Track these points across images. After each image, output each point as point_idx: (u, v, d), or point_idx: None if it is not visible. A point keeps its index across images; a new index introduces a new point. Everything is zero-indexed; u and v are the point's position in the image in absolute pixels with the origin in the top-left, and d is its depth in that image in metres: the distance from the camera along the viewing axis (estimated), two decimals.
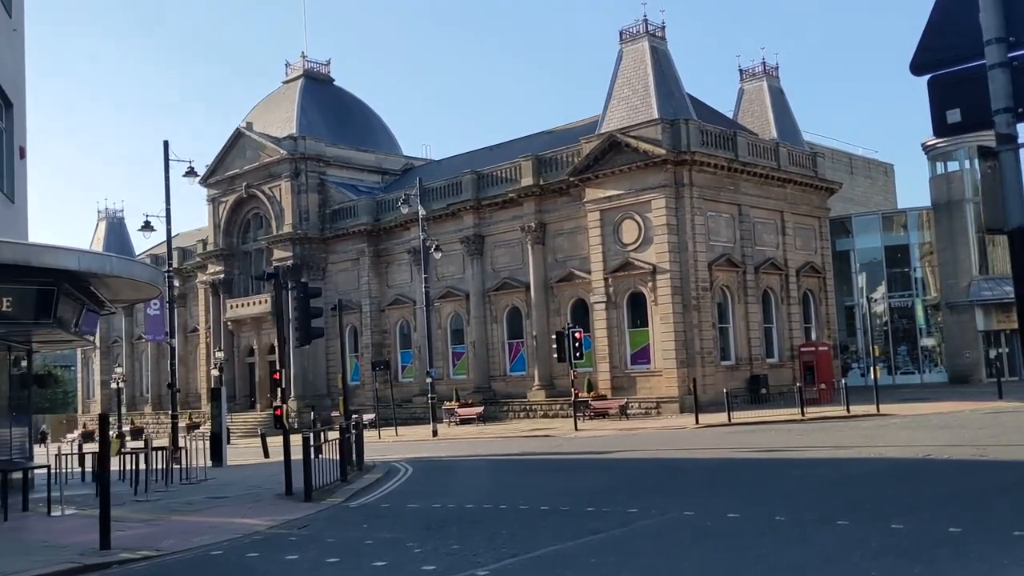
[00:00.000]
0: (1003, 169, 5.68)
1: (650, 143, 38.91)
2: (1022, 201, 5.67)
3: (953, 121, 6.03)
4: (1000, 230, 5.71)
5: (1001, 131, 5.71)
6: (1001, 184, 5.67)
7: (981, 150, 5.89)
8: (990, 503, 11.33)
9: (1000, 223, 5.68)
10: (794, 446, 19.80)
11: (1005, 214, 5.64)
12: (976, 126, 6.06)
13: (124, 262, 17.65)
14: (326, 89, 60.40)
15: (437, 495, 15.07)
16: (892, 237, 47.82)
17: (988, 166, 5.73)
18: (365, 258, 51.56)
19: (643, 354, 39.85)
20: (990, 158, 5.76)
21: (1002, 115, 5.70)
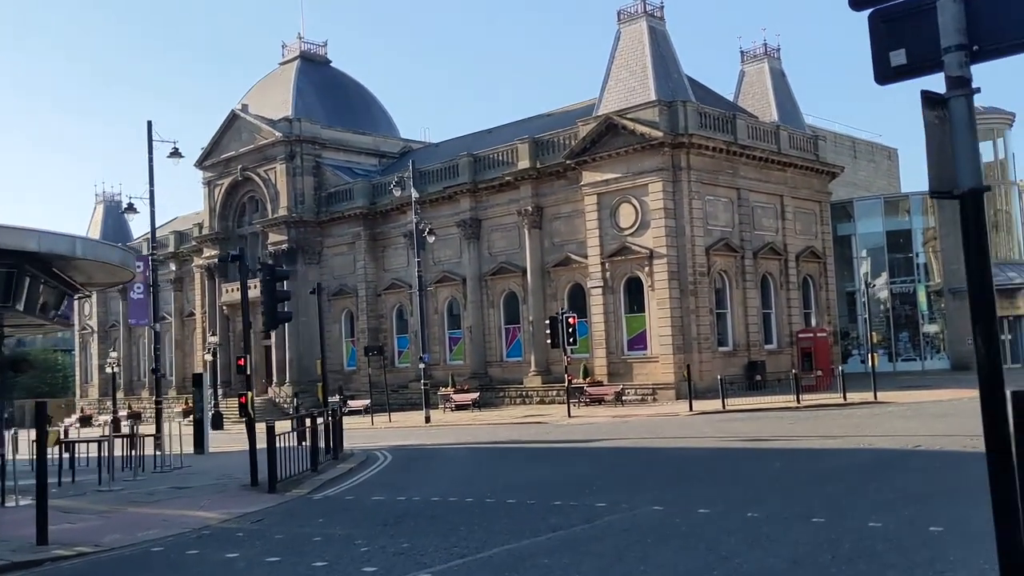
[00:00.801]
0: (953, 120, 4.73)
1: (647, 125, 38.16)
2: (976, 157, 4.76)
3: (897, 64, 5.00)
4: (948, 193, 4.78)
5: (951, 73, 4.75)
6: (951, 138, 4.73)
7: (926, 97, 4.79)
8: (977, 499, 10.73)
9: (949, 185, 4.76)
10: (782, 435, 19.22)
11: (955, 174, 4.72)
12: (925, 68, 4.98)
13: (90, 244, 17.09)
14: (323, 71, 59.65)
15: (406, 487, 14.55)
16: (894, 222, 46.96)
17: (935, 116, 4.77)
18: (361, 242, 50.97)
19: (640, 340, 39.25)
20: (937, 106, 4.78)
21: (952, 54, 4.75)
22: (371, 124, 58.05)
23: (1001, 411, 4.40)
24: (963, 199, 4.74)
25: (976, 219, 4.68)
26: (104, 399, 63.72)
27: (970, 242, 4.68)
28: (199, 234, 59.32)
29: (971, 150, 4.74)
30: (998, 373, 4.47)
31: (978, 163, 4.73)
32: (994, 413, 4.39)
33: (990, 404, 4.40)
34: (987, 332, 4.56)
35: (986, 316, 4.58)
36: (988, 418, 4.39)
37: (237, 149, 55.79)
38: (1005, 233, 45.08)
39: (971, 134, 4.74)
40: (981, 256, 4.65)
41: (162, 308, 66.13)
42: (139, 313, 28.39)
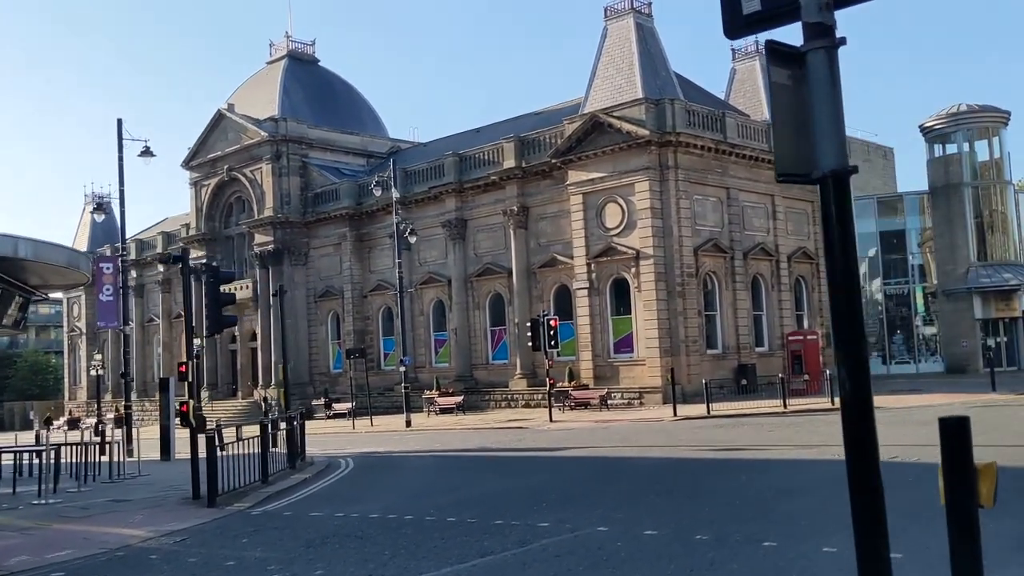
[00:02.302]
0: (810, 80, 3.71)
1: (634, 123, 37.41)
2: (839, 130, 3.73)
3: (750, 11, 4.03)
4: (804, 176, 3.80)
5: (809, 19, 3.73)
6: (808, 104, 3.71)
7: (773, 50, 3.81)
8: (939, 521, 9.98)
9: (805, 165, 3.76)
10: (758, 444, 18.47)
11: (813, 151, 3.72)
12: (781, 15, 4.00)
13: (33, 244, 16.32)
14: (311, 70, 58.95)
15: (352, 500, 13.82)
16: (888, 222, 46.17)
17: (786, 76, 3.75)
18: (347, 243, 50.28)
19: (626, 342, 38.51)
20: (789, 63, 3.76)
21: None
22: (359, 124, 57.34)
23: (870, 450, 3.61)
24: (823, 183, 3.74)
25: (841, 208, 3.71)
26: (92, 401, 63.01)
27: (832, 236, 3.72)
28: (186, 235, 58.63)
29: (833, 120, 3.73)
30: (867, 408, 3.66)
31: (842, 137, 3.77)
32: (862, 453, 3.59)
33: (858, 444, 3.61)
34: (855, 355, 3.65)
35: (855, 334, 3.68)
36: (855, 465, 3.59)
37: (223, 149, 55.13)
38: (1001, 234, 44.25)
39: (833, 99, 3.74)
40: (846, 255, 3.72)
41: (150, 310, 65.77)
42: (108, 316, 27.71)
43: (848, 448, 3.66)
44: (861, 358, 3.66)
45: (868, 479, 3.59)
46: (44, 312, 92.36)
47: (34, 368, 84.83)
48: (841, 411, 3.71)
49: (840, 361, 3.66)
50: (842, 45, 3.78)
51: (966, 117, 44.08)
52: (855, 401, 3.61)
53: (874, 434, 3.66)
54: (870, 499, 3.59)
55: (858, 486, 3.60)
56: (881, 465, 12.22)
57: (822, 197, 3.77)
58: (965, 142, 44.32)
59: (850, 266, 3.67)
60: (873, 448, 3.63)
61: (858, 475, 3.60)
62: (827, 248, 3.78)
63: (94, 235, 68.30)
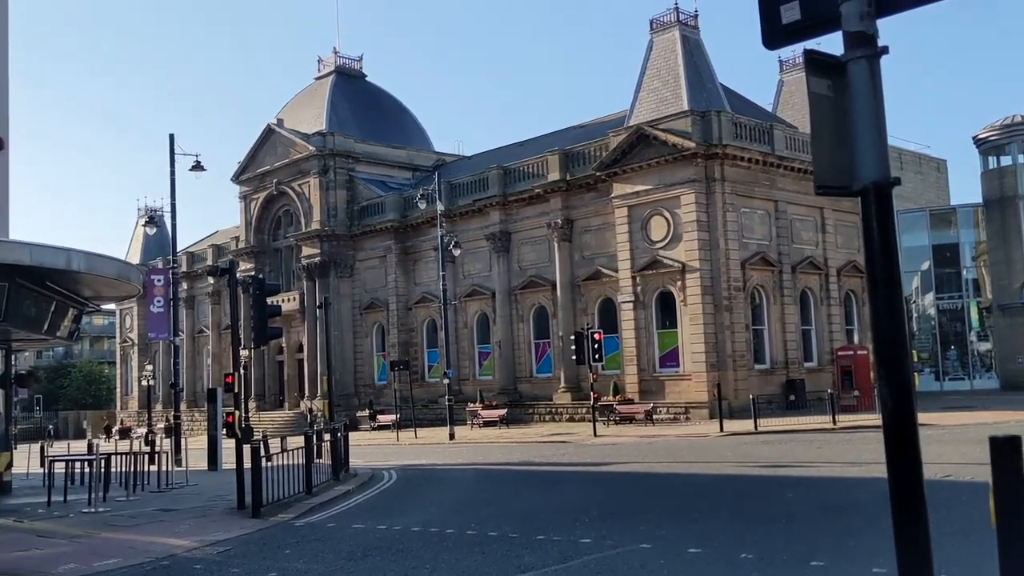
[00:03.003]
0: (852, 91, 3.63)
1: (679, 136, 37.20)
2: (882, 141, 3.64)
3: (789, 21, 3.95)
4: (845, 188, 3.71)
5: (850, 28, 3.65)
6: (849, 115, 3.63)
7: (813, 60, 3.70)
8: (991, 541, 9.67)
9: (844, 177, 3.67)
10: (806, 461, 18.12)
11: (854, 163, 3.63)
12: (822, 24, 3.90)
13: (85, 256, 16.68)
14: (358, 85, 59.65)
15: (394, 513, 13.84)
16: (941, 235, 45.19)
17: (826, 86, 3.68)
18: (392, 255, 50.65)
19: (672, 356, 38.17)
20: (829, 73, 3.69)
21: (852, 2, 3.66)
22: (405, 137, 57.84)
23: (914, 475, 3.49)
24: (864, 195, 3.63)
25: (883, 221, 3.60)
26: (143, 411, 64.15)
27: (874, 250, 3.60)
28: (235, 248, 59.54)
29: (875, 131, 3.63)
30: (911, 426, 3.54)
31: (884, 148, 3.66)
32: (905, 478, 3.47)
33: (899, 468, 3.49)
34: (898, 373, 3.54)
35: (897, 352, 3.56)
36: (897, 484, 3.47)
37: (272, 163, 55.97)
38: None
39: (875, 109, 3.64)
40: (888, 269, 3.59)
41: (200, 321, 66.81)
42: (158, 327, 28.19)
43: (891, 469, 3.56)
44: (904, 376, 3.56)
45: (911, 501, 3.48)
46: (98, 323, 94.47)
47: (88, 378, 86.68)
48: (883, 431, 3.60)
49: (882, 379, 3.56)
50: (884, 54, 3.68)
51: (1021, 128, 43.05)
52: (897, 420, 3.52)
53: (918, 454, 3.54)
54: (913, 521, 3.48)
55: (901, 507, 3.49)
56: (934, 484, 11.92)
57: (863, 209, 3.66)
58: (1020, 154, 43.25)
59: (892, 281, 3.56)
60: (917, 469, 3.51)
61: (901, 496, 3.49)
62: (868, 262, 3.67)
63: (147, 248, 69.68)
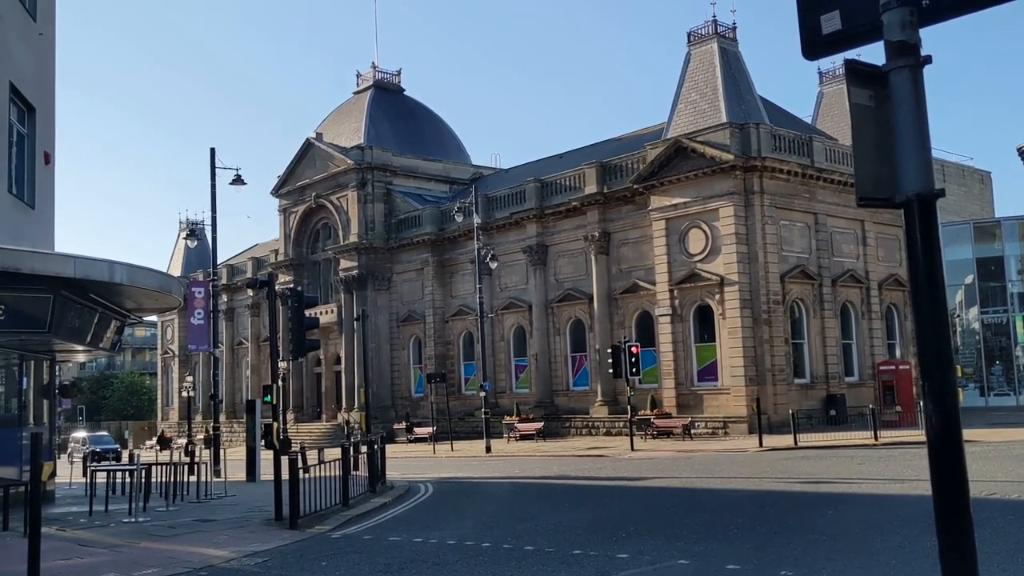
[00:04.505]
0: (894, 101, 3.56)
1: (717, 148, 36.99)
2: (925, 151, 3.57)
3: (830, 31, 3.85)
4: (887, 200, 3.65)
5: (892, 37, 3.58)
6: (891, 126, 3.57)
7: (854, 70, 3.62)
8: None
9: (887, 188, 3.60)
10: (847, 477, 17.82)
11: (896, 173, 3.58)
12: (863, 34, 3.81)
13: (127, 268, 16.93)
14: (395, 98, 60.17)
15: (431, 526, 13.83)
16: (986, 248, 44.37)
17: (868, 96, 3.60)
18: (429, 268, 50.89)
19: (710, 370, 37.85)
20: (871, 83, 3.61)
21: (894, 11, 3.57)
22: (442, 151, 58.19)
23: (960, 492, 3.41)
24: (907, 207, 3.56)
25: (926, 233, 3.52)
26: (183, 422, 64.95)
27: (918, 263, 3.52)
28: (274, 260, 60.22)
29: (919, 141, 3.56)
30: (956, 442, 3.45)
31: (928, 159, 3.58)
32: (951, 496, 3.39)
33: (944, 485, 3.41)
34: (942, 388, 3.44)
35: (942, 367, 3.46)
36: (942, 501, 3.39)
37: (311, 177, 56.59)
38: None
39: (918, 119, 3.57)
40: (932, 282, 3.50)
41: (240, 333, 67.60)
42: (199, 339, 28.54)
43: (936, 487, 3.47)
44: (949, 391, 3.48)
45: (957, 518, 3.39)
46: (140, 335, 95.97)
47: (129, 389, 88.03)
48: (928, 448, 3.52)
49: (928, 394, 3.48)
50: (927, 64, 3.61)
51: None
52: (943, 435, 3.43)
53: (964, 470, 3.46)
54: (959, 539, 3.39)
55: (946, 525, 3.40)
56: (978, 502, 11.66)
57: (906, 222, 3.59)
58: None
59: (937, 295, 3.49)
60: (963, 485, 3.43)
61: (946, 514, 3.40)
62: (912, 275, 3.60)
63: (188, 260, 70.70)
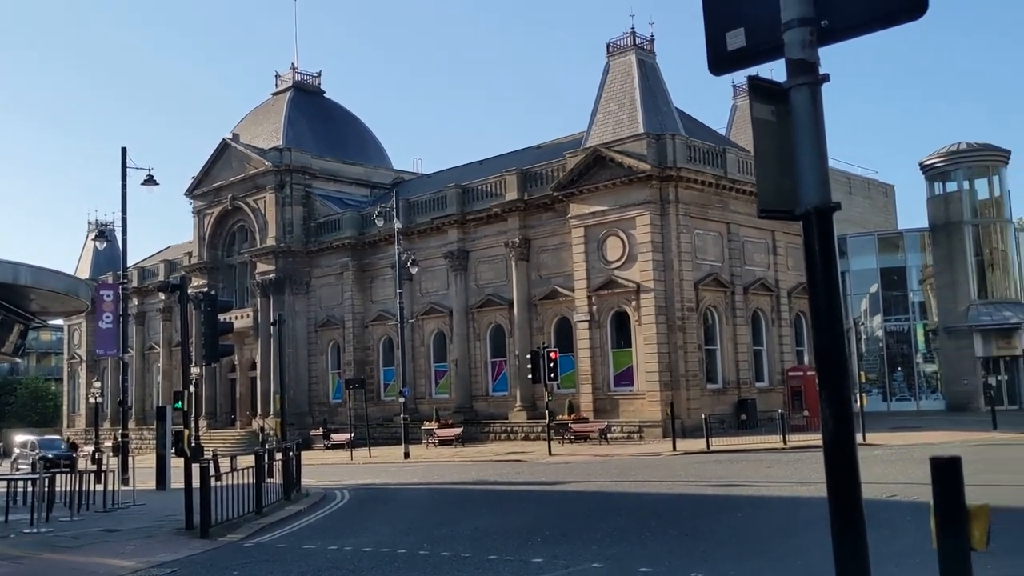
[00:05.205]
0: (795, 117, 3.69)
1: (635, 158, 37.63)
2: (823, 166, 3.69)
3: (735, 47, 3.99)
4: (787, 212, 3.75)
5: (793, 55, 3.70)
6: (792, 141, 3.69)
7: (757, 86, 3.78)
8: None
9: (787, 201, 3.72)
10: (757, 480, 18.34)
11: (797, 187, 3.68)
12: (766, 52, 3.93)
13: (33, 270, 16.39)
14: (315, 100, 59.44)
15: (346, 533, 13.72)
16: (889, 259, 46.15)
17: (770, 111, 3.73)
18: (349, 272, 50.39)
19: (626, 376, 38.43)
20: (772, 99, 3.75)
21: (795, 30, 3.69)
22: (363, 154, 57.73)
23: (853, 494, 3.59)
24: (806, 219, 3.70)
25: (824, 246, 3.67)
26: (91, 429, 62.78)
27: (816, 273, 3.66)
28: (188, 263, 58.77)
29: (816, 157, 3.69)
30: (850, 446, 3.63)
31: (825, 173, 3.73)
32: (845, 497, 3.57)
33: (841, 486, 3.59)
34: (838, 394, 3.57)
35: (837, 372, 3.60)
36: (837, 503, 3.57)
37: (227, 178, 55.46)
38: (1001, 272, 44.20)
39: (816, 135, 3.71)
40: (829, 292, 3.65)
41: (151, 337, 65.72)
42: (107, 343, 27.67)
43: (831, 488, 3.64)
44: (845, 396, 3.64)
45: (851, 520, 3.57)
46: (45, 339, 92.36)
47: (34, 395, 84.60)
48: (824, 451, 3.68)
49: (824, 399, 3.65)
50: (825, 82, 3.76)
51: (966, 156, 44.23)
52: (837, 439, 3.59)
53: (857, 474, 3.63)
54: (852, 539, 3.56)
55: (840, 528, 3.57)
56: (879, 503, 12.19)
57: (805, 233, 3.73)
58: (965, 180, 44.40)
59: (833, 302, 3.66)
60: (856, 488, 3.60)
61: (840, 516, 3.58)
62: (810, 285, 3.74)
63: (97, 263, 68.49)
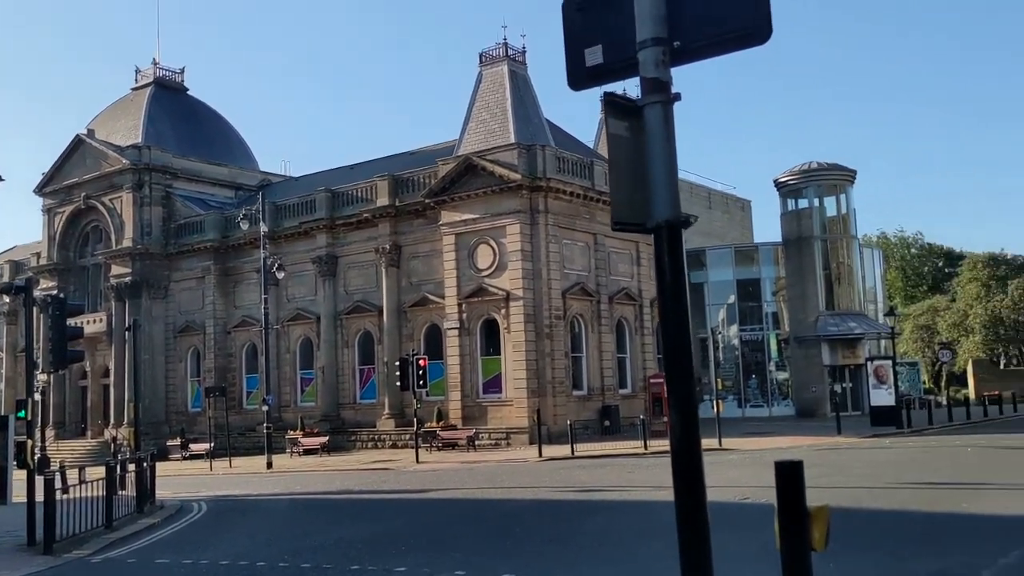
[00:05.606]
0: (648, 134, 3.83)
1: (506, 167, 38.06)
2: (673, 182, 3.85)
3: (593, 64, 4.10)
4: (640, 225, 3.90)
5: (647, 74, 3.84)
6: (644, 157, 3.83)
7: (612, 103, 3.89)
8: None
9: (640, 215, 3.86)
10: (619, 485, 18.85)
11: (649, 201, 3.83)
12: (622, 69, 4.07)
13: None
14: (178, 98, 57.24)
15: (203, 546, 13.27)
16: (745, 271, 48.42)
17: (624, 127, 3.87)
18: (211, 276, 48.74)
19: (495, 383, 38.74)
20: (627, 115, 3.88)
21: (649, 49, 3.84)
22: (228, 155, 55.98)
23: (698, 498, 3.80)
24: (657, 233, 3.86)
25: (673, 258, 3.83)
26: None
27: (665, 285, 3.84)
28: (36, 264, 55.51)
29: (668, 172, 3.86)
30: (696, 454, 3.85)
31: (676, 189, 3.91)
32: (691, 501, 3.77)
33: (687, 490, 3.79)
34: (685, 400, 3.78)
35: (684, 379, 3.80)
36: (683, 506, 3.78)
37: (81, 176, 52.69)
38: (847, 285, 47.06)
39: (668, 152, 3.87)
40: (677, 303, 3.83)
41: None
42: None
43: (677, 492, 3.81)
44: (691, 403, 3.84)
45: (696, 523, 3.75)
46: None
47: None
48: (671, 456, 3.85)
49: (671, 406, 3.82)
50: (677, 101, 3.92)
51: (816, 174, 46.93)
52: (685, 447, 3.77)
53: (702, 478, 3.81)
54: (697, 543, 3.75)
55: (686, 530, 3.76)
56: (732, 507, 12.75)
57: (656, 246, 3.88)
58: (816, 198, 47.11)
59: (681, 314, 3.83)
60: (701, 493, 3.78)
61: (686, 519, 3.76)
62: (660, 296, 3.89)
63: None
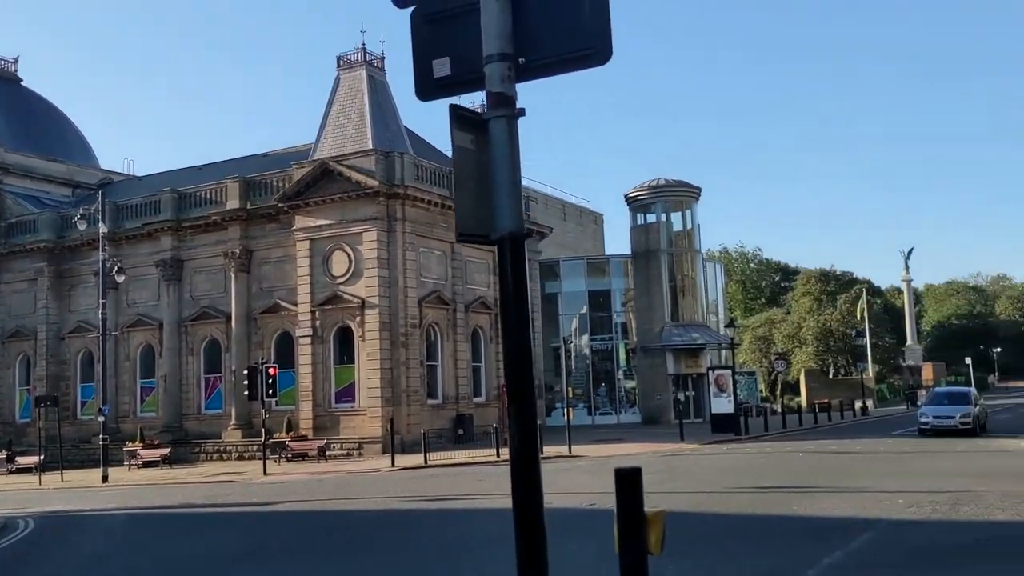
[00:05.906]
0: (492, 147, 3.90)
1: (363, 174, 37.66)
2: (517, 195, 3.92)
3: (441, 75, 4.16)
4: (484, 237, 3.97)
5: (493, 88, 3.92)
6: (489, 170, 3.89)
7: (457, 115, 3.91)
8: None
9: (484, 226, 3.93)
10: (470, 493, 18.96)
11: (493, 213, 3.90)
12: (469, 82, 4.13)
13: None
14: (11, 89, 53.63)
15: (28, 565, 12.46)
16: (596, 282, 49.80)
17: (469, 140, 3.91)
18: (44, 279, 45.85)
19: (348, 392, 38.18)
20: (472, 128, 3.93)
21: (495, 64, 3.91)
22: (65, 151, 52.91)
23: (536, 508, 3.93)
24: (501, 244, 3.94)
25: (516, 269, 3.92)
26: None
27: (508, 295, 3.92)
28: None
29: (511, 186, 3.93)
30: (534, 462, 3.99)
31: (519, 201, 3.99)
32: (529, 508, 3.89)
33: (525, 498, 3.91)
34: (524, 409, 3.89)
35: (524, 389, 3.91)
36: (521, 513, 3.90)
37: None
38: (691, 297, 49.14)
39: (513, 166, 3.95)
40: (519, 313, 3.92)
41: None
42: None
43: (516, 500, 3.90)
44: (531, 412, 3.94)
45: (532, 529, 3.85)
46: None
47: None
48: (510, 464, 3.94)
49: (512, 415, 3.92)
50: (521, 116, 4.01)
51: (664, 191, 48.85)
52: (524, 456, 3.87)
53: (539, 486, 3.91)
54: (534, 547, 3.85)
55: (524, 535, 3.85)
56: (579, 513, 13.11)
57: (499, 257, 3.96)
58: (663, 213, 49.01)
59: (522, 325, 3.94)
60: (538, 502, 3.88)
61: (524, 525, 3.85)
62: (503, 306, 3.97)
63: None
